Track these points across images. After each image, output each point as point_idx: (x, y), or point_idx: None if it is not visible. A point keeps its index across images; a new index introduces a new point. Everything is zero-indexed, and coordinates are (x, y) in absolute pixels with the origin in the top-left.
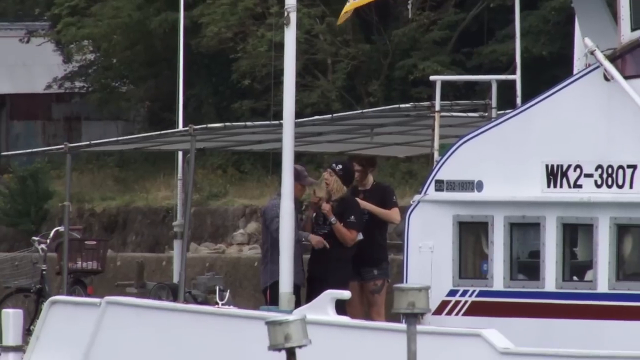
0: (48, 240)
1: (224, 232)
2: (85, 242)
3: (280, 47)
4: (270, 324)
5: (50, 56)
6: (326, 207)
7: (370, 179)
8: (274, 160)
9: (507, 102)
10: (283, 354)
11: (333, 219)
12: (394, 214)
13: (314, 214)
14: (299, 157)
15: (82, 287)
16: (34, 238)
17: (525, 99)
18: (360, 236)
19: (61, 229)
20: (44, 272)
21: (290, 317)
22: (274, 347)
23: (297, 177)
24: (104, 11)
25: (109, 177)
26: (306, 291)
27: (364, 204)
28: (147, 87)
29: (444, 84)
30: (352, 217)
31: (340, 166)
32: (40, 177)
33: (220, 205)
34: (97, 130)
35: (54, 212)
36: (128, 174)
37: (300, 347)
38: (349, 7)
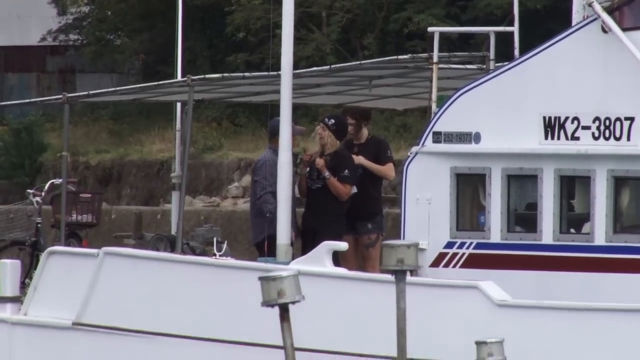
0: (43, 193)
1: (219, 185)
2: (80, 194)
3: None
4: (264, 279)
5: (44, 8)
6: (320, 162)
7: (365, 132)
8: (267, 112)
9: (502, 55)
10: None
11: (327, 173)
12: (387, 169)
13: (308, 169)
14: (294, 109)
15: (77, 239)
16: (28, 191)
17: (520, 53)
18: (354, 189)
19: (56, 181)
20: (39, 225)
21: (284, 273)
22: (267, 303)
23: None
24: None
25: (103, 129)
26: (301, 244)
27: (358, 159)
28: (141, 40)
29: (439, 36)
30: (346, 171)
31: (332, 120)
32: (34, 129)
33: (215, 158)
34: (91, 83)
35: (48, 164)
36: (122, 127)
37: (293, 302)
38: None
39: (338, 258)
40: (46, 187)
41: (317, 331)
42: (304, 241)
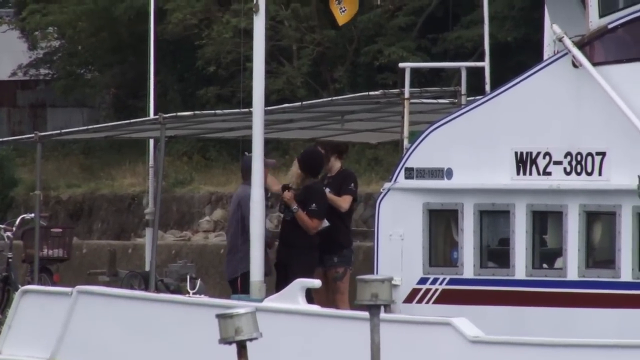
0: (14, 228)
1: (190, 219)
2: (51, 229)
3: (245, 33)
4: (221, 317)
5: (15, 43)
6: (287, 195)
7: (337, 165)
8: (238, 146)
9: (474, 88)
10: (255, 343)
11: (294, 207)
12: (341, 200)
13: (279, 203)
14: (266, 143)
15: (48, 274)
16: None
17: (491, 86)
18: (325, 223)
19: (27, 216)
20: (10, 260)
21: (241, 310)
22: (224, 341)
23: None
24: None
25: (74, 164)
26: (275, 277)
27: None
28: (112, 74)
29: (410, 70)
30: (314, 205)
31: (302, 155)
32: (5, 164)
33: (186, 192)
34: (62, 117)
35: (19, 199)
36: (93, 162)
37: (250, 340)
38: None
39: (311, 292)
40: (17, 222)
41: None
42: (277, 274)
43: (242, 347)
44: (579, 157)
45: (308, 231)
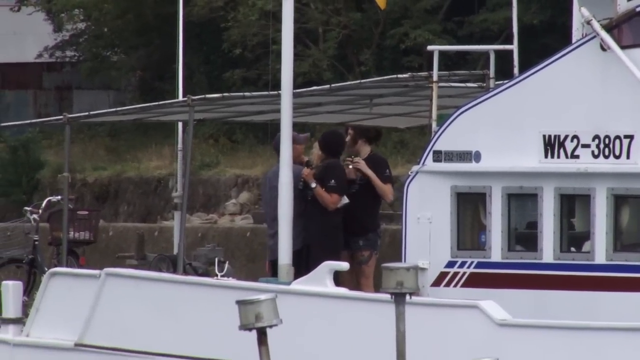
0: (40, 211)
1: (216, 202)
2: (78, 212)
3: (271, 16)
4: (241, 303)
5: (41, 25)
6: (305, 171)
7: (366, 149)
8: (264, 129)
9: (500, 71)
10: (284, 326)
11: (314, 183)
12: (388, 190)
13: (301, 181)
14: (293, 126)
15: (75, 257)
16: (25, 208)
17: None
18: (344, 200)
19: (53, 198)
20: (36, 243)
21: (262, 297)
22: (244, 327)
23: (294, 140)
24: None
25: (100, 146)
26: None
27: (365, 169)
28: (138, 56)
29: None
30: (332, 181)
31: (323, 136)
32: (31, 147)
33: (212, 175)
34: (88, 100)
35: (45, 182)
36: (119, 144)
37: (270, 326)
38: None
39: (338, 275)
40: (43, 204)
41: (319, 351)
42: (300, 256)
43: (262, 334)
44: (606, 140)
45: (327, 207)
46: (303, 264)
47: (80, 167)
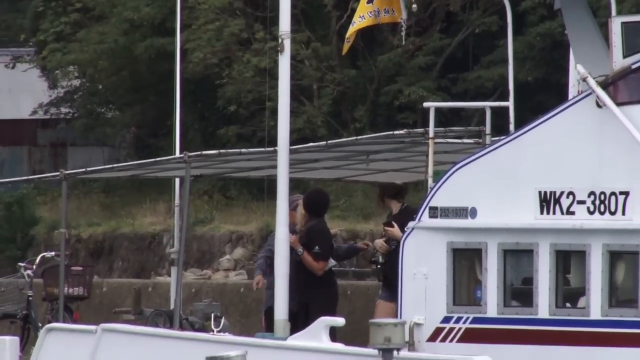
0: (34, 266)
1: (210, 257)
2: (72, 268)
3: (265, 73)
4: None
5: (35, 82)
6: (291, 238)
7: (395, 205)
8: (264, 187)
9: (493, 128)
10: None
11: (299, 249)
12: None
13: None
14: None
15: (69, 313)
16: (20, 264)
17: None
18: (331, 263)
19: (47, 254)
20: (30, 298)
21: (232, 353)
22: None
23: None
24: (89, 37)
25: (95, 203)
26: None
27: (392, 232)
28: (132, 113)
29: (428, 109)
30: (317, 247)
31: (305, 196)
32: (26, 202)
33: (206, 231)
34: (82, 156)
35: (40, 238)
36: (114, 200)
37: None
38: (350, 33)
39: (334, 330)
40: (37, 260)
41: None
42: (299, 314)
43: None
44: (602, 197)
45: (314, 273)
46: (301, 322)
47: (75, 223)
